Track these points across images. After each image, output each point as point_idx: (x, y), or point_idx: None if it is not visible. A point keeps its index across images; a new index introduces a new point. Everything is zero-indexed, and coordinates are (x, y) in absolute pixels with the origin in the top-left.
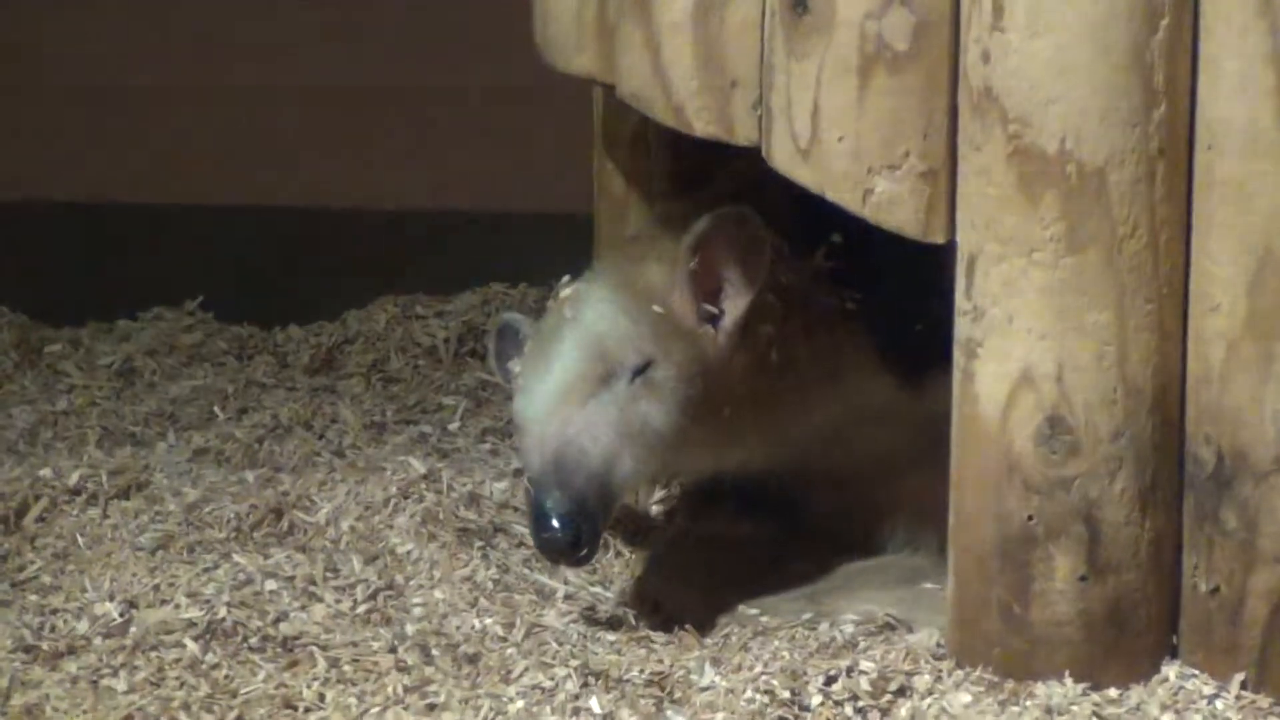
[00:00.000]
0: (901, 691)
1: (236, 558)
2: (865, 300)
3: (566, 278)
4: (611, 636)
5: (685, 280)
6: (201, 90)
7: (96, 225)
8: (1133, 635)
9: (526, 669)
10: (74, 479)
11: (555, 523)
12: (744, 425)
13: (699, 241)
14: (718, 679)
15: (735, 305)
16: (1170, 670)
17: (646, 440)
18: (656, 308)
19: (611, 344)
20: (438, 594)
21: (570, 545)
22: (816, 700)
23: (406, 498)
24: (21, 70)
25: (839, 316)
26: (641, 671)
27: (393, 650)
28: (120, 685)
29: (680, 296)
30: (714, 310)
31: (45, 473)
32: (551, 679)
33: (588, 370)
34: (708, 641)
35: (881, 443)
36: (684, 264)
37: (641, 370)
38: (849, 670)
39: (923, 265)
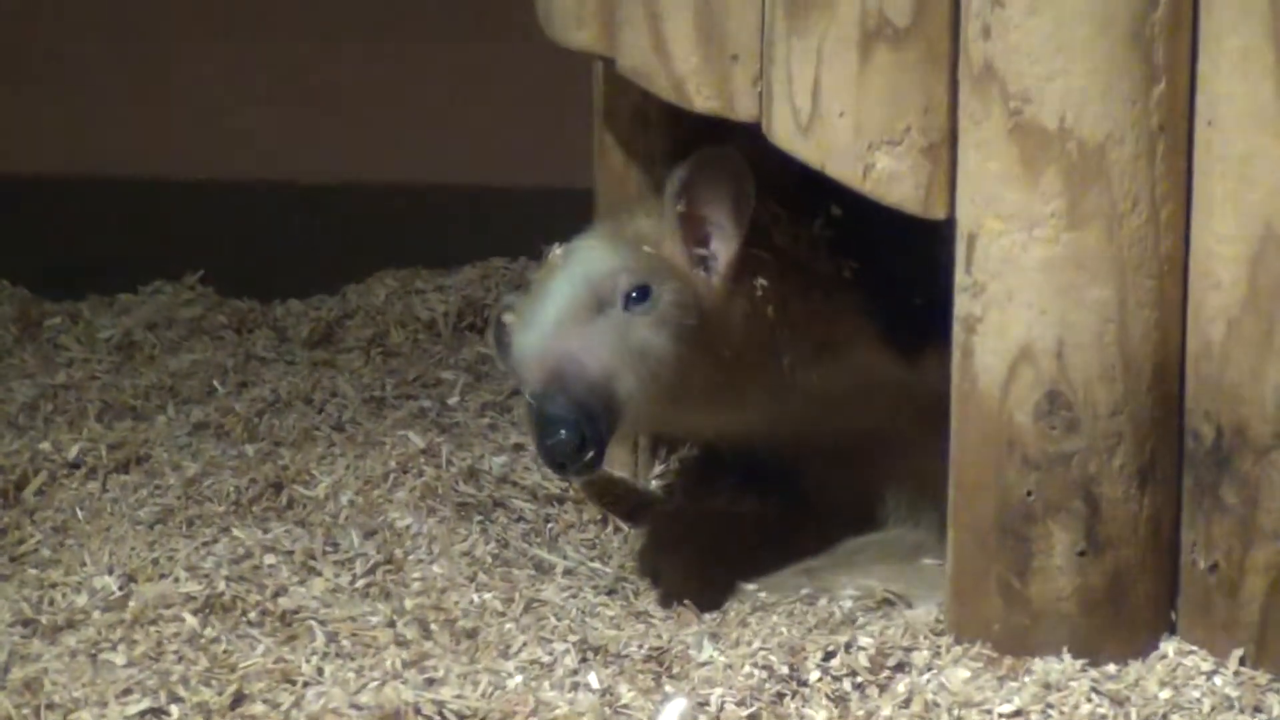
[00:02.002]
0: (900, 667)
1: (235, 532)
2: (864, 271)
3: (557, 244)
4: (610, 611)
5: (674, 224)
6: (201, 64)
7: (96, 199)
8: (1131, 611)
9: (525, 644)
10: (73, 452)
11: (560, 428)
12: (744, 384)
13: (683, 185)
14: (716, 654)
15: (725, 248)
16: (1169, 646)
17: (646, 364)
18: (647, 248)
19: (604, 275)
20: (436, 568)
21: (576, 449)
22: (815, 675)
23: (406, 472)
24: (19, 44)
25: (837, 284)
26: (640, 646)
27: (391, 624)
28: (119, 659)
29: (671, 241)
30: (705, 253)
31: (45, 446)
32: (550, 654)
33: (581, 299)
34: (706, 617)
35: (880, 416)
36: (670, 208)
37: (636, 299)
38: (847, 646)
39: (921, 239)
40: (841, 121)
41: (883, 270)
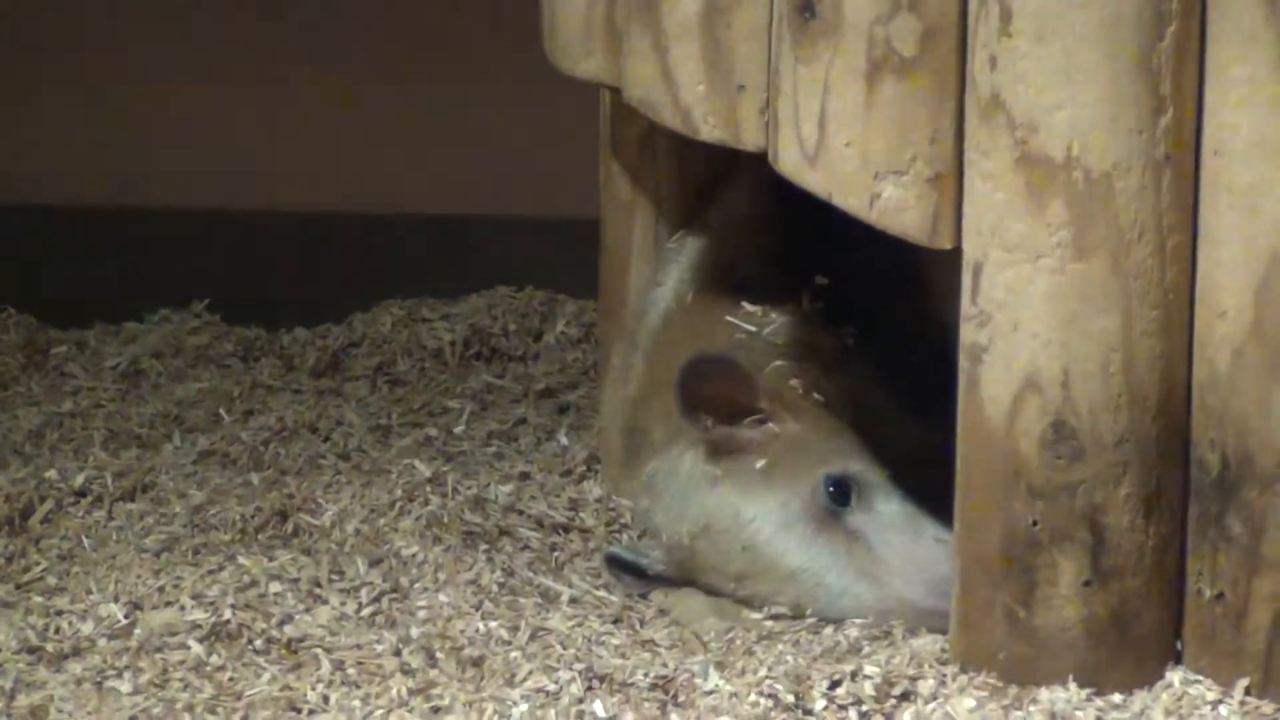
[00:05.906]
0: (905, 696)
1: (241, 560)
2: (863, 339)
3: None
4: (616, 640)
5: (700, 434)
6: (206, 92)
7: (103, 227)
8: (1137, 640)
9: (531, 672)
10: (79, 481)
11: None
12: None
13: (689, 402)
14: (722, 682)
15: (753, 414)
16: (1174, 676)
17: None
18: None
19: None
20: (442, 597)
21: None
22: (820, 704)
23: (412, 500)
24: (26, 72)
25: (844, 356)
26: (646, 675)
27: (397, 653)
28: (125, 687)
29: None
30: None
31: (51, 474)
32: (556, 682)
33: None
34: (712, 645)
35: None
36: (688, 422)
37: None
38: (853, 674)
39: (913, 297)
40: (848, 151)
41: (880, 336)
